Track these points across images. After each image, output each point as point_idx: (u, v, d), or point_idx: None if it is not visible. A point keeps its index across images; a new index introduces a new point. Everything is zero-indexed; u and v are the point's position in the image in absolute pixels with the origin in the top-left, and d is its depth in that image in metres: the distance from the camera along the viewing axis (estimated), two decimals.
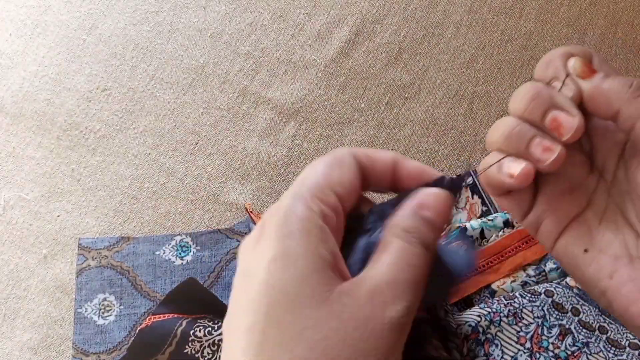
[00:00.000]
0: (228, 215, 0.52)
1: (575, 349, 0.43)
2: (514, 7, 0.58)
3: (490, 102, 0.55)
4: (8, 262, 0.52)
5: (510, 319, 0.44)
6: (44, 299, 0.51)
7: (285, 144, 0.55)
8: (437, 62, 0.57)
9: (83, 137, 0.55)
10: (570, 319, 0.44)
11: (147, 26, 0.59)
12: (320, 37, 0.58)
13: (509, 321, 0.44)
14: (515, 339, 0.43)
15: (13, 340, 0.50)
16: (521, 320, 0.44)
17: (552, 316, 0.44)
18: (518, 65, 0.56)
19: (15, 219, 0.53)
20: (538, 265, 0.47)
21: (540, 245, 0.48)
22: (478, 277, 0.47)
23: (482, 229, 0.48)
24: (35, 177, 0.54)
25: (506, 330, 0.44)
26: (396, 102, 0.55)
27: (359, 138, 0.54)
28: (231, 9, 0.59)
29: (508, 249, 0.48)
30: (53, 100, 0.57)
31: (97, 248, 0.51)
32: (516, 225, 0.48)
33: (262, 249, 0.22)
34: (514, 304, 0.44)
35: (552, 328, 0.44)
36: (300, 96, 0.56)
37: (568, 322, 0.44)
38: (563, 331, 0.44)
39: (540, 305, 0.44)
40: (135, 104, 0.56)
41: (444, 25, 0.58)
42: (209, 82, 0.57)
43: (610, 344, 0.44)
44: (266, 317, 0.20)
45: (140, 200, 0.53)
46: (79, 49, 0.58)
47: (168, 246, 0.51)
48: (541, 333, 0.44)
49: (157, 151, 0.55)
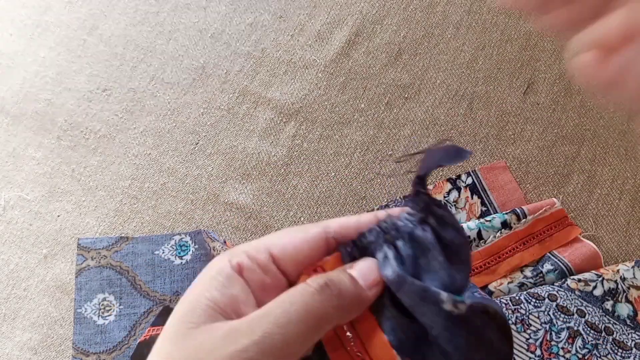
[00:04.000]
0: (228, 215, 0.52)
1: (585, 352, 0.43)
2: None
3: (490, 102, 0.55)
4: (8, 262, 0.52)
5: (518, 327, 0.44)
6: (44, 299, 0.51)
7: (285, 144, 0.55)
8: (437, 63, 0.57)
9: (83, 137, 0.56)
10: (578, 321, 0.44)
11: (148, 26, 0.59)
12: (320, 37, 0.58)
13: (518, 329, 0.44)
14: (525, 346, 0.43)
15: (13, 340, 0.50)
16: (529, 327, 0.44)
17: (559, 320, 0.44)
18: (518, 65, 0.56)
19: (15, 219, 0.53)
20: (535, 267, 0.47)
21: (537, 247, 0.48)
22: (475, 277, 0.47)
23: (480, 230, 0.48)
24: (36, 177, 0.54)
25: (516, 339, 0.43)
26: (396, 102, 0.55)
27: (359, 138, 0.54)
28: (231, 9, 0.59)
29: (505, 250, 0.48)
30: (53, 100, 0.57)
31: (96, 248, 0.51)
32: (514, 227, 0.48)
33: None
34: (521, 310, 0.44)
35: (561, 332, 0.44)
36: (300, 96, 0.56)
37: (576, 324, 0.44)
38: (572, 333, 0.44)
39: (546, 310, 0.44)
40: (136, 104, 0.56)
41: (444, 25, 0.58)
42: (209, 82, 0.57)
43: (617, 346, 0.44)
44: (158, 346, 0.25)
45: (141, 200, 0.53)
46: (79, 49, 0.59)
47: (167, 246, 0.51)
48: (550, 339, 0.44)
49: (157, 151, 0.55)
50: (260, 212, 0.52)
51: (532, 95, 0.55)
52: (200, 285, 0.26)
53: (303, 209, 0.53)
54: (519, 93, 0.55)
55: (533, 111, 0.54)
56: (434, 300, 0.24)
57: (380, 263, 0.26)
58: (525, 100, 0.55)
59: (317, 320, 0.24)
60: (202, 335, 0.24)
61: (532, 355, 0.43)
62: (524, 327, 0.44)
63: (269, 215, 0.52)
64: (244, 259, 0.26)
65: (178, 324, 0.25)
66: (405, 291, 0.25)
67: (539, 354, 0.43)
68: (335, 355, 0.26)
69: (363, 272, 0.26)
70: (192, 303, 0.25)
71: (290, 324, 0.23)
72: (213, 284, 0.25)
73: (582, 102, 0.55)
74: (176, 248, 0.51)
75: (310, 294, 0.24)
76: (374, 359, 0.25)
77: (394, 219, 0.27)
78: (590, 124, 0.54)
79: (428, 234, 0.26)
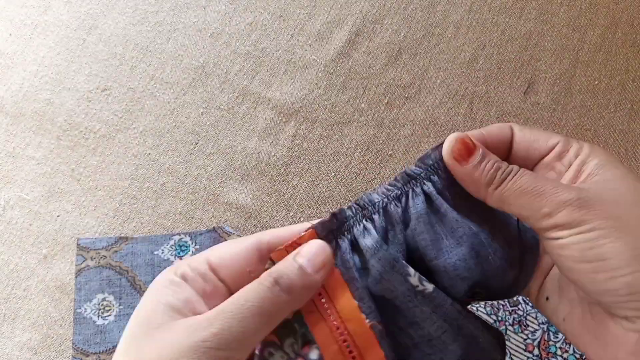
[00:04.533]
0: (228, 215, 0.52)
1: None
2: (514, 7, 0.58)
3: (490, 102, 0.55)
4: (8, 262, 0.52)
5: (515, 327, 0.44)
6: (44, 299, 0.51)
7: (285, 144, 0.55)
8: (437, 62, 0.57)
9: (83, 137, 0.55)
10: None
11: (147, 26, 0.59)
12: (320, 37, 0.58)
13: (515, 329, 0.44)
14: (523, 347, 0.43)
15: (13, 340, 0.50)
16: (526, 327, 0.44)
17: None
18: (518, 65, 0.56)
19: (15, 219, 0.53)
20: None
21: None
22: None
23: None
24: (35, 177, 0.54)
25: (513, 339, 0.44)
26: (396, 102, 0.55)
27: (359, 138, 0.54)
28: (231, 8, 0.59)
29: None
30: (53, 100, 0.57)
31: (95, 248, 0.51)
32: None
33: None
34: (518, 312, 0.44)
35: (559, 332, 0.44)
36: (300, 96, 0.56)
37: None
38: None
39: None
40: (135, 104, 0.56)
41: (444, 25, 0.58)
42: (208, 82, 0.57)
43: None
44: (123, 348, 0.27)
45: (140, 200, 0.53)
46: (78, 49, 0.58)
47: (167, 246, 0.51)
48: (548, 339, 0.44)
49: (157, 151, 0.55)
50: (260, 212, 0.52)
51: (532, 95, 0.55)
52: (154, 294, 0.28)
53: (303, 209, 0.53)
54: (519, 93, 0.55)
55: (533, 111, 0.54)
56: (402, 272, 0.28)
57: (360, 234, 0.29)
58: (525, 100, 0.55)
59: (270, 314, 0.27)
60: (165, 333, 0.26)
61: (530, 355, 0.43)
62: (522, 327, 0.44)
63: (269, 215, 0.52)
64: (187, 269, 0.29)
65: (140, 327, 0.27)
66: (378, 257, 0.28)
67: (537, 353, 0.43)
68: (311, 317, 0.28)
69: (310, 258, 0.28)
70: (150, 309, 0.27)
71: (246, 319, 0.26)
72: (165, 292, 0.28)
73: (583, 102, 0.54)
74: (176, 248, 0.51)
75: (262, 292, 0.27)
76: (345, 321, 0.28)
77: (369, 195, 0.30)
78: (591, 124, 0.54)
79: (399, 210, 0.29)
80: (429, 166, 0.30)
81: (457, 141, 0.29)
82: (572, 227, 0.26)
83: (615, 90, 0.55)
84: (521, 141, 0.31)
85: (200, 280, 0.29)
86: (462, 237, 0.28)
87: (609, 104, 0.54)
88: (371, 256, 0.28)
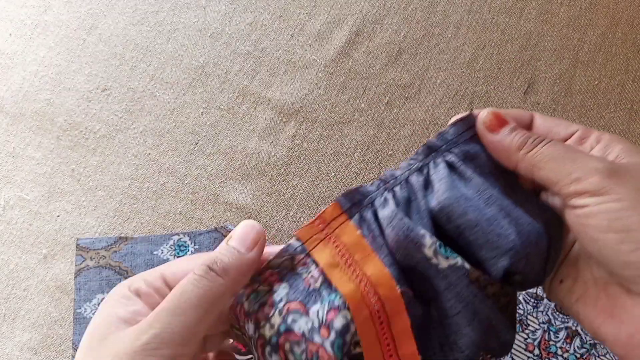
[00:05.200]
0: (228, 215, 0.52)
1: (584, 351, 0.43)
2: (514, 7, 0.58)
3: (490, 102, 0.55)
4: (8, 262, 0.52)
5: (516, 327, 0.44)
6: (44, 299, 0.51)
7: (285, 144, 0.55)
8: (437, 62, 0.57)
9: (83, 137, 0.55)
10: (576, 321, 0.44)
11: (147, 26, 0.59)
12: (320, 37, 0.58)
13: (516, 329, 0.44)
14: (523, 346, 0.43)
15: (13, 340, 0.50)
16: (527, 327, 0.44)
17: (557, 320, 0.44)
18: (518, 65, 0.56)
19: (15, 219, 0.53)
20: None
21: None
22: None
23: None
24: (35, 177, 0.54)
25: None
26: (396, 102, 0.55)
27: (359, 138, 0.54)
28: (231, 8, 0.59)
29: None
30: (53, 100, 0.57)
31: (95, 248, 0.51)
32: None
33: None
34: (519, 311, 0.44)
35: (559, 332, 0.44)
36: (300, 96, 0.56)
37: (574, 324, 0.44)
38: (570, 333, 0.44)
39: (544, 310, 0.44)
40: (135, 104, 0.56)
41: (444, 25, 0.58)
42: (208, 82, 0.57)
43: None
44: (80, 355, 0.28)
45: (140, 200, 0.53)
46: (79, 49, 0.58)
47: (166, 246, 0.51)
48: (548, 338, 0.44)
49: (157, 151, 0.55)
50: (260, 212, 0.52)
51: (532, 95, 0.55)
52: (106, 307, 0.29)
53: (303, 209, 0.53)
54: (519, 93, 0.55)
55: (533, 111, 0.54)
56: (416, 241, 0.28)
57: (381, 205, 0.30)
58: (525, 100, 0.55)
59: (210, 301, 0.27)
60: (112, 342, 0.27)
61: (530, 354, 0.43)
62: (522, 327, 0.44)
63: (269, 215, 0.52)
64: (142, 284, 0.30)
65: (92, 338, 0.28)
66: (392, 226, 0.29)
67: (538, 353, 0.43)
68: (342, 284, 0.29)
69: (241, 238, 0.29)
70: (101, 322, 0.29)
71: (185, 313, 0.27)
72: (117, 305, 0.29)
73: (583, 102, 0.54)
74: (175, 248, 0.51)
75: (197, 281, 0.27)
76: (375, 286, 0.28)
77: (392, 170, 0.31)
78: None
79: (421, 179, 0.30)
80: (448, 141, 0.30)
81: (491, 113, 0.30)
82: (600, 195, 0.26)
83: (615, 90, 0.55)
84: (541, 125, 0.32)
85: (154, 294, 0.30)
86: (489, 198, 0.28)
87: (609, 104, 0.54)
88: (387, 225, 0.29)
